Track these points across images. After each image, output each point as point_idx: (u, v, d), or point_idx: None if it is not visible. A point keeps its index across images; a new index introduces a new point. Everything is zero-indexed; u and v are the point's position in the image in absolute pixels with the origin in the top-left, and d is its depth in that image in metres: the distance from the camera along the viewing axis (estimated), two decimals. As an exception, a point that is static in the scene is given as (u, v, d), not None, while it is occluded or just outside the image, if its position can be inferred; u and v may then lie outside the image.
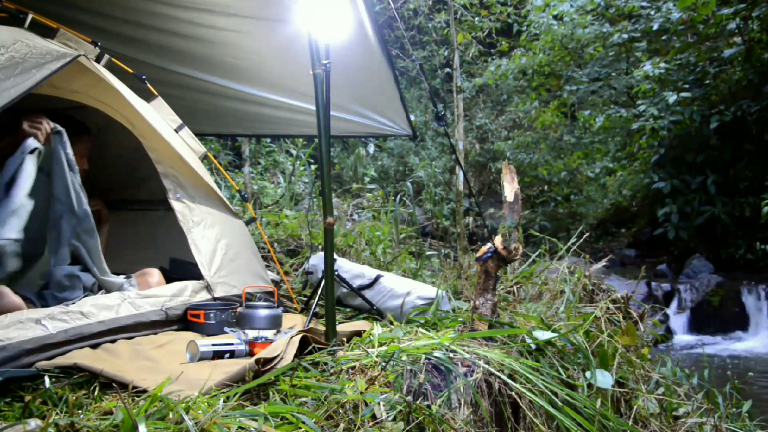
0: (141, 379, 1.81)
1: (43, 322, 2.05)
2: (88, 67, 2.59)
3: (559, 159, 11.62)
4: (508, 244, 2.41)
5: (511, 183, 2.56)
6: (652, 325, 5.13)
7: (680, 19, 8.72)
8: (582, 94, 10.68)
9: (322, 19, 2.49)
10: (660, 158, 9.39)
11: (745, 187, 8.67)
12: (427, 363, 1.96)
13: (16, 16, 2.47)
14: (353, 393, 1.75)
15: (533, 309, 2.98)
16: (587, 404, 2.06)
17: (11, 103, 2.07)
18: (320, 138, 2.36)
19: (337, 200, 8.73)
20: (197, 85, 3.99)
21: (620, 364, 2.49)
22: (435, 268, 5.07)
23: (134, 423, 1.38)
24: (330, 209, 2.32)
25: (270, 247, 3.79)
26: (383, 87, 3.84)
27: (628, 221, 10.99)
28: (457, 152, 5.98)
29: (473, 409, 1.94)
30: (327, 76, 2.46)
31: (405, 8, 9.53)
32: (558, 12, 10.07)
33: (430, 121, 12.10)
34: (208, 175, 3.17)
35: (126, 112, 2.82)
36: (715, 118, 8.55)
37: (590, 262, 3.46)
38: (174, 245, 3.02)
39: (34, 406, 1.63)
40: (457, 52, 6.95)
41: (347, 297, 3.25)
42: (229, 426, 1.48)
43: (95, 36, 2.80)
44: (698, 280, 8.00)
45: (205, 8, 3.35)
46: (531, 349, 2.26)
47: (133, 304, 2.43)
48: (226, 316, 2.63)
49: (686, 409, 2.73)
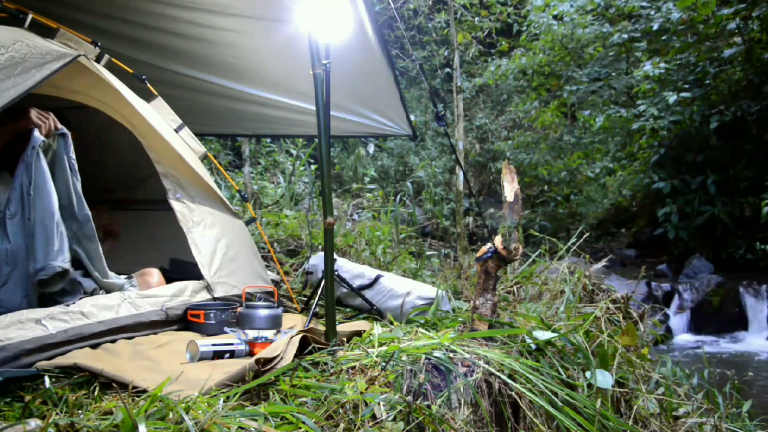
0: (141, 379, 1.81)
1: (43, 322, 2.05)
2: (88, 67, 2.59)
3: (559, 159, 11.62)
4: (508, 244, 2.41)
5: (511, 183, 2.56)
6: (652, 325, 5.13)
7: (680, 19, 8.72)
8: (582, 94, 10.67)
9: (322, 19, 2.49)
10: (660, 158, 9.39)
11: (745, 187, 8.67)
12: (427, 363, 1.96)
13: (16, 16, 2.47)
14: (353, 393, 1.75)
15: (533, 309, 2.98)
16: (587, 404, 2.06)
17: (11, 103, 2.07)
18: (320, 138, 2.36)
19: (337, 200, 8.73)
20: (197, 85, 3.99)
21: (620, 364, 2.49)
22: (435, 268, 5.07)
23: (134, 423, 1.38)
24: (330, 209, 2.32)
25: (270, 247, 3.79)
26: (383, 87, 3.84)
27: (628, 221, 10.99)
28: (457, 152, 5.98)
29: (473, 409, 1.94)
30: (327, 76, 2.46)
31: (405, 8, 9.53)
32: (558, 12, 10.07)
33: (430, 121, 12.10)
34: (208, 175, 3.17)
35: (126, 112, 2.82)
36: (715, 118, 8.55)
37: (590, 262, 3.46)
38: (174, 245, 3.02)
39: (34, 406, 1.63)
40: (457, 52, 6.95)
41: (347, 297, 3.25)
42: (229, 426, 1.48)
43: (95, 36, 2.80)
44: (698, 280, 8.00)
45: (205, 8, 3.35)
46: (531, 349, 2.26)
47: (133, 304, 2.43)
48: (226, 316, 2.63)
49: (686, 409, 2.73)
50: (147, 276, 2.79)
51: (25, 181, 2.27)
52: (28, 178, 2.27)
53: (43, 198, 2.28)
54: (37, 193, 2.27)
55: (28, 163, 2.28)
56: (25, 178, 2.27)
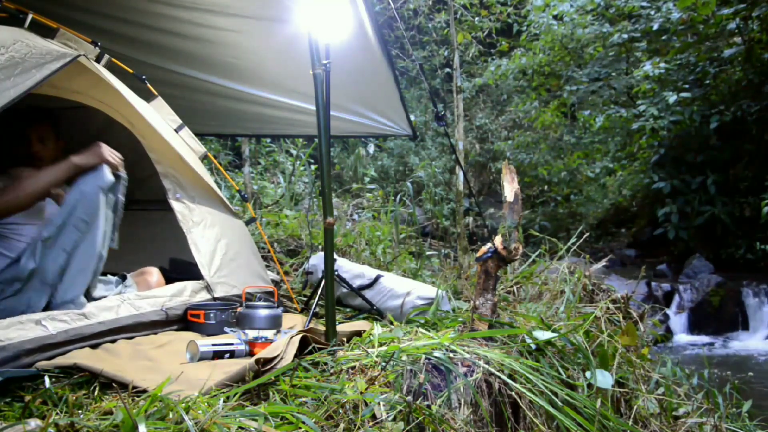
0: (141, 379, 1.81)
1: (43, 322, 2.05)
2: (88, 67, 2.59)
3: (559, 159, 11.62)
4: (508, 244, 2.41)
5: (511, 183, 2.56)
6: (652, 325, 5.13)
7: (680, 19, 8.72)
8: (582, 94, 10.68)
9: (322, 19, 2.49)
10: (660, 158, 9.39)
11: (745, 187, 8.68)
12: (427, 363, 1.96)
13: (16, 16, 2.46)
14: (353, 393, 1.75)
15: (533, 309, 2.98)
16: (587, 404, 2.06)
17: (11, 103, 2.06)
18: (320, 138, 2.36)
19: (337, 200, 8.74)
20: (197, 85, 3.99)
21: (620, 364, 2.49)
22: (435, 268, 5.07)
23: (134, 423, 1.38)
24: (330, 209, 2.32)
25: (270, 247, 3.79)
26: (383, 87, 3.84)
27: (628, 221, 10.99)
28: (457, 152, 5.98)
29: (473, 409, 1.94)
30: (327, 76, 2.46)
31: (405, 8, 9.54)
32: (558, 12, 10.07)
33: (430, 121, 12.10)
34: (208, 175, 3.17)
35: (126, 112, 2.82)
36: (715, 118, 8.55)
37: (590, 262, 3.46)
38: (174, 245, 3.02)
39: (34, 406, 1.63)
40: (457, 52, 6.95)
41: (347, 297, 3.25)
42: (229, 426, 1.48)
43: (95, 36, 2.80)
44: (698, 280, 8.00)
45: (205, 8, 3.35)
46: (531, 349, 2.26)
47: (133, 305, 2.43)
48: (226, 316, 2.63)
49: (686, 409, 2.73)
50: (146, 275, 2.79)
51: (78, 214, 2.26)
52: (85, 215, 2.26)
53: (94, 239, 2.29)
54: (88, 232, 2.27)
55: (90, 200, 2.27)
56: (79, 211, 2.26)
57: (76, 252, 2.24)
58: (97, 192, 2.30)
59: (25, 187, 2.33)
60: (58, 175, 2.36)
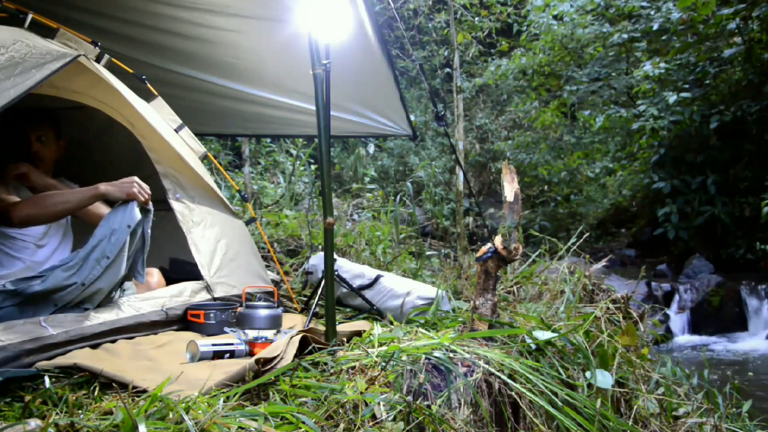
0: (141, 379, 1.81)
1: (43, 322, 2.05)
2: (88, 67, 2.59)
3: (559, 159, 11.62)
4: (508, 244, 2.41)
5: (511, 183, 2.56)
6: (652, 325, 5.13)
7: (680, 19, 8.72)
8: (582, 94, 10.68)
9: (322, 19, 2.49)
10: (660, 158, 9.39)
11: (745, 187, 8.68)
12: (427, 363, 1.96)
13: (16, 16, 2.46)
14: (353, 393, 1.75)
15: (533, 309, 2.98)
16: (587, 404, 2.06)
17: (11, 103, 2.06)
18: (320, 138, 2.36)
19: (337, 200, 8.74)
20: (197, 85, 3.99)
21: (620, 364, 2.49)
22: (435, 268, 5.08)
23: (134, 423, 1.37)
24: (330, 209, 2.32)
25: (270, 247, 3.79)
26: (383, 87, 3.84)
27: (628, 221, 11.00)
28: (457, 152, 5.98)
29: (473, 409, 1.94)
30: (327, 76, 2.46)
31: (405, 8, 9.54)
32: (558, 12, 10.08)
33: (430, 121, 12.10)
34: (208, 175, 3.17)
35: (126, 112, 2.82)
36: (715, 118, 8.55)
37: (590, 262, 3.46)
38: (174, 245, 3.02)
39: (34, 406, 1.63)
40: (457, 52, 6.96)
41: (347, 297, 3.25)
42: (229, 426, 1.48)
43: (95, 36, 2.80)
44: (698, 280, 8.00)
45: (205, 8, 3.35)
46: (531, 349, 2.26)
47: (133, 305, 2.44)
48: (226, 316, 2.63)
49: (686, 409, 2.73)
50: (147, 276, 2.78)
51: (103, 248, 2.25)
52: (109, 252, 2.25)
53: (115, 271, 2.29)
54: (109, 268, 2.26)
55: (116, 238, 2.27)
56: (104, 247, 2.25)
57: (91, 287, 2.25)
58: (126, 231, 2.31)
59: (48, 205, 2.39)
60: (83, 200, 2.42)
